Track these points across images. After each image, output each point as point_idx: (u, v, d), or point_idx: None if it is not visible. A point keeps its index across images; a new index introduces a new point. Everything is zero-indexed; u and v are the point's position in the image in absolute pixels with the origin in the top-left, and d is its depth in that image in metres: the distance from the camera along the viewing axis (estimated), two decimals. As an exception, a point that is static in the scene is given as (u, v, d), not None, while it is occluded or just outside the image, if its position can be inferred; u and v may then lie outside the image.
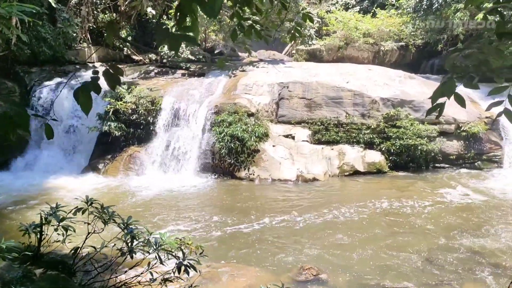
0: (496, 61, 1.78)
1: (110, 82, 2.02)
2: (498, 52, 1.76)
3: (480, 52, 1.79)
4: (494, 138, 14.26)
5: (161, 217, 9.45)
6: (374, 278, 6.63)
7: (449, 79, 1.81)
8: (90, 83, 1.96)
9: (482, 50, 1.79)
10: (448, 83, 1.80)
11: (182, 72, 16.69)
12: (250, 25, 2.59)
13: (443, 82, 1.83)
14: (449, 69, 1.93)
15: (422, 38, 19.16)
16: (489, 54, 1.76)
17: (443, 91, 1.79)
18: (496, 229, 8.77)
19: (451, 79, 1.81)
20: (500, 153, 14.10)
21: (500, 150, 14.12)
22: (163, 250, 3.56)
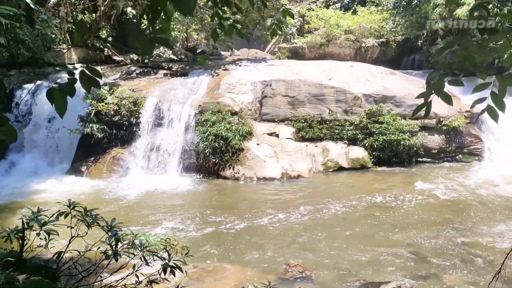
0: (480, 57, 1.80)
1: (87, 83, 1.98)
2: (480, 48, 1.78)
3: (463, 48, 1.81)
4: (474, 131, 14.52)
5: (146, 219, 9.39)
6: (360, 274, 6.70)
7: (439, 76, 1.83)
8: (67, 84, 1.92)
9: (465, 46, 1.81)
10: (438, 81, 1.82)
11: (164, 72, 16.56)
12: (231, 25, 2.59)
13: (433, 81, 1.85)
14: (439, 67, 1.95)
15: (403, 34, 19.41)
16: (473, 50, 1.78)
17: (434, 90, 1.81)
18: (478, 222, 8.93)
19: (441, 77, 1.82)
20: (480, 146, 14.35)
21: (480, 143, 14.37)
22: (149, 252, 3.53)
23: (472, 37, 1.82)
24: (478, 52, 1.78)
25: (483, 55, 1.81)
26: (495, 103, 1.93)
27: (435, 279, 6.50)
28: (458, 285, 6.31)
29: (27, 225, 3.39)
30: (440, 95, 1.82)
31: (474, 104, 2.12)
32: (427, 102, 1.91)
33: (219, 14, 2.43)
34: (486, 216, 9.27)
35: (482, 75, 1.92)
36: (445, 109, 14.32)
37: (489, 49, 1.83)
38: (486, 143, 14.38)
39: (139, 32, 1.73)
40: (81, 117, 13.34)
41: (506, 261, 2.35)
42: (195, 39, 21.66)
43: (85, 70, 1.97)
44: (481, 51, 1.78)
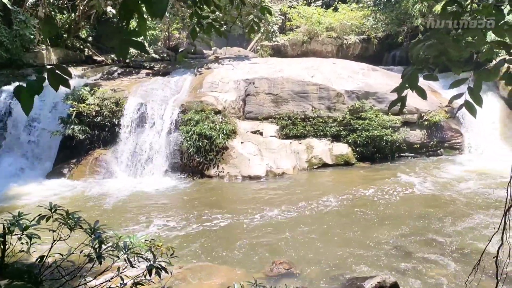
0: (455, 52, 1.83)
1: (55, 82, 1.94)
2: (456, 43, 1.80)
3: (439, 43, 1.83)
4: (455, 125, 14.76)
5: (130, 220, 9.31)
6: (345, 270, 6.75)
7: (412, 71, 1.85)
8: (34, 81, 1.88)
9: (441, 41, 1.83)
10: (412, 75, 1.84)
11: (146, 71, 16.42)
12: (209, 23, 2.57)
13: (407, 75, 1.87)
14: (414, 61, 1.97)
15: (383, 30, 19.59)
16: (448, 45, 1.81)
17: (408, 84, 1.83)
18: (459, 215, 9.08)
19: (415, 72, 1.84)
20: (460, 140, 14.61)
21: (460, 137, 14.62)
22: (133, 254, 3.50)
23: (448, 32, 1.84)
24: (453, 47, 1.81)
25: (459, 50, 1.83)
26: (472, 98, 1.95)
27: (417, 273, 6.58)
28: (440, 277, 6.41)
29: (8, 229, 3.33)
30: (414, 89, 1.84)
31: (452, 99, 2.15)
32: (401, 96, 1.93)
33: (197, 12, 2.41)
34: (467, 209, 9.43)
35: (457, 70, 1.95)
36: (426, 104, 14.50)
37: (465, 44, 1.86)
38: (466, 137, 14.64)
39: (114, 33, 1.70)
40: (62, 119, 13.15)
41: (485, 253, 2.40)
42: (177, 38, 21.54)
43: (53, 68, 1.92)
44: (457, 46, 1.81)
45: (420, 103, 14.45)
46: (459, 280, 6.21)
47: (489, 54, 1.97)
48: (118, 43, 1.74)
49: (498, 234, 2.15)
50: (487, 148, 14.22)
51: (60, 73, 1.92)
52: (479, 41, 1.86)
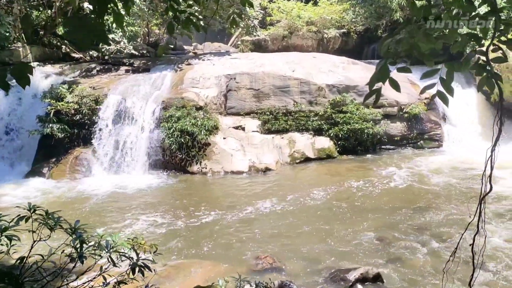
0: (426, 45, 1.86)
1: (21, 80, 1.91)
2: (426, 36, 1.84)
3: (410, 37, 1.86)
4: (434, 117, 15.00)
5: (113, 219, 9.22)
6: (329, 261, 6.82)
7: (383, 65, 1.88)
8: None
9: (412, 35, 1.86)
10: (382, 69, 1.86)
11: (125, 68, 16.20)
12: (187, 17, 2.54)
13: (378, 68, 1.89)
14: (383, 55, 1.99)
15: (363, 24, 19.71)
16: (419, 38, 1.84)
17: (379, 77, 1.85)
18: (437, 205, 9.25)
19: (385, 65, 1.87)
20: (440, 132, 14.86)
21: (440, 129, 14.87)
22: (116, 252, 3.47)
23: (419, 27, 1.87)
24: (424, 40, 1.84)
25: (430, 43, 1.86)
26: (444, 88, 1.99)
27: (400, 263, 6.69)
28: (421, 267, 6.52)
29: (-15, 232, 3.26)
30: (384, 81, 1.87)
31: (424, 89, 2.20)
32: (376, 89, 1.95)
33: (173, 7, 2.38)
34: (445, 199, 9.62)
35: (430, 63, 1.98)
36: (405, 96, 14.71)
37: (436, 36, 1.89)
38: (445, 128, 14.90)
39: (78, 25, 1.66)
40: (39, 117, 12.91)
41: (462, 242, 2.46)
42: (156, 33, 21.31)
43: (16, 66, 1.89)
44: (427, 39, 1.84)
45: (400, 95, 14.62)
46: (440, 268, 6.32)
47: (460, 46, 2.01)
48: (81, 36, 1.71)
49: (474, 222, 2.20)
50: (465, 139, 14.50)
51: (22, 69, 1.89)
52: (451, 34, 1.90)
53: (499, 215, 8.43)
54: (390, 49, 1.90)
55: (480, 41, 2.06)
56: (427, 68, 2.14)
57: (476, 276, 2.22)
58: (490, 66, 2.06)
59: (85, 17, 1.64)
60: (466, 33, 2.02)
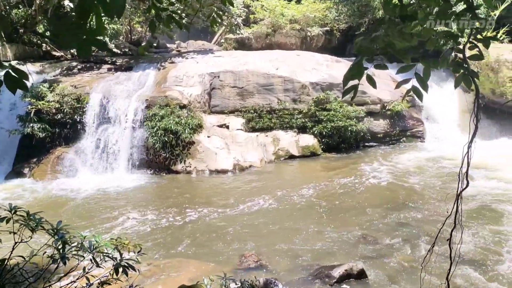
0: (401, 43, 1.90)
1: (13, 86, 1.88)
2: (401, 34, 1.87)
3: (385, 35, 1.89)
4: (416, 114, 15.20)
5: (96, 219, 9.12)
6: (313, 259, 6.86)
7: (357, 61, 1.90)
8: None
9: (387, 33, 1.89)
10: (356, 66, 1.89)
11: (108, 66, 16.02)
12: (169, 15, 2.53)
13: (352, 65, 1.92)
14: (357, 52, 2.02)
15: (346, 22, 19.84)
16: (394, 36, 1.87)
17: (353, 74, 1.88)
18: (419, 201, 9.38)
19: (360, 62, 1.89)
20: (422, 129, 15.07)
21: (421, 126, 15.09)
22: (99, 253, 3.44)
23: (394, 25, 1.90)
24: (399, 38, 1.87)
25: (405, 41, 1.89)
26: (420, 85, 2.03)
27: (384, 259, 6.77)
28: (404, 262, 6.61)
29: (-36, 233, 3.20)
30: (358, 78, 1.90)
31: (399, 85, 2.24)
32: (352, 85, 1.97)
33: (155, 5, 2.36)
34: (427, 195, 9.76)
35: (406, 60, 2.02)
36: (388, 94, 14.87)
37: (412, 34, 1.92)
38: (427, 125, 15.11)
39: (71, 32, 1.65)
40: (20, 117, 12.71)
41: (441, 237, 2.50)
42: (139, 31, 21.13)
43: (10, 71, 1.86)
44: (403, 37, 1.87)
45: (383, 93, 14.80)
46: (420, 263, 6.42)
47: (435, 43, 2.05)
48: (78, 44, 1.70)
49: (451, 217, 2.25)
50: (447, 136, 14.73)
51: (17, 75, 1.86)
52: (426, 31, 1.94)
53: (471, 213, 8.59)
54: (363, 46, 1.93)
55: (457, 38, 2.10)
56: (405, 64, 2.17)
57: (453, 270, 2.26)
58: (467, 63, 2.10)
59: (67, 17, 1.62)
60: (443, 31, 2.06)
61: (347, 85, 1.94)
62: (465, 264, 6.32)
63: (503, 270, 6.20)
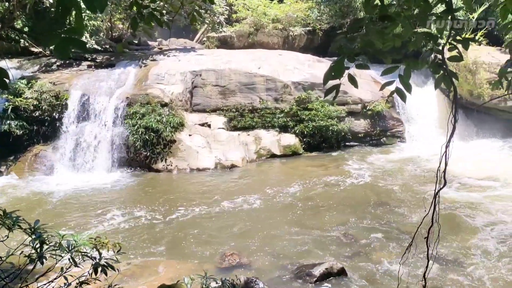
0: (381, 43, 1.92)
1: None
2: (381, 34, 1.89)
3: (365, 34, 1.91)
4: (396, 115, 15.40)
5: (74, 218, 8.99)
6: (294, 258, 6.89)
7: (338, 61, 1.92)
8: None
9: (367, 32, 1.91)
10: (336, 65, 1.90)
11: (88, 63, 15.78)
12: (150, 13, 2.51)
13: (332, 64, 1.93)
14: (337, 51, 2.04)
15: (328, 22, 19.94)
16: (373, 36, 1.89)
17: (334, 73, 1.89)
18: (398, 200, 9.52)
19: (340, 61, 1.91)
20: (402, 129, 15.28)
21: (401, 126, 15.29)
22: (78, 252, 3.39)
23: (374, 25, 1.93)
24: (379, 39, 1.89)
25: (384, 41, 1.92)
26: (402, 85, 2.07)
27: (364, 257, 6.85)
28: (384, 260, 6.69)
29: None
30: (339, 78, 1.92)
31: (383, 86, 2.26)
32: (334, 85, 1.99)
33: (137, 2, 2.34)
34: (407, 194, 9.90)
35: (387, 60, 2.05)
36: (369, 94, 15.03)
37: (392, 35, 1.95)
38: (407, 126, 15.33)
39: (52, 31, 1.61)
40: (-4, 114, 12.44)
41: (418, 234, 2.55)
42: (120, 28, 20.84)
43: None
44: (382, 38, 1.90)
45: (364, 93, 14.95)
46: (398, 261, 6.51)
47: (415, 44, 2.08)
48: (57, 43, 1.65)
49: (429, 216, 2.28)
50: (426, 136, 14.96)
51: None
52: (406, 32, 1.97)
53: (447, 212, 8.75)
54: (344, 45, 1.95)
55: (436, 40, 2.14)
56: (390, 65, 2.20)
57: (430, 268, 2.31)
58: (446, 64, 2.14)
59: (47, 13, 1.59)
60: (422, 32, 2.09)
61: (327, 84, 1.95)
62: (442, 262, 6.44)
63: (478, 268, 6.33)
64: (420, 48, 2.34)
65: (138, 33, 19.23)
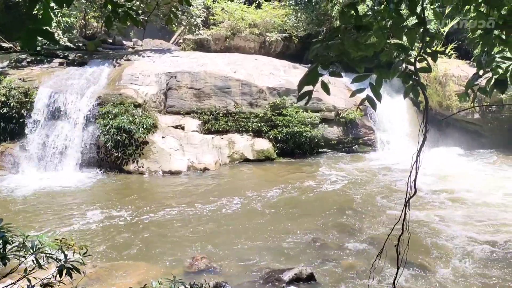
0: (355, 52, 1.96)
1: None
2: (355, 43, 1.93)
3: (340, 43, 1.95)
4: (368, 123, 15.66)
5: (40, 218, 8.75)
6: (264, 263, 6.89)
7: (313, 68, 1.94)
8: None
9: (342, 41, 1.94)
10: (311, 72, 1.93)
11: (60, 61, 15.44)
12: (125, 12, 2.47)
13: (307, 71, 1.95)
14: (313, 59, 2.07)
15: (304, 29, 20.14)
16: (349, 45, 1.93)
17: (308, 80, 1.91)
18: (369, 207, 9.64)
19: (315, 69, 1.94)
20: (373, 137, 15.54)
21: (373, 134, 15.55)
22: (42, 254, 3.30)
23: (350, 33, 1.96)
24: (353, 48, 1.93)
25: (359, 50, 1.96)
26: (373, 94, 2.11)
27: (333, 263, 6.90)
28: (353, 266, 6.77)
29: None
30: (312, 85, 1.94)
31: (354, 94, 2.30)
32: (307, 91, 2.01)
33: (112, 0, 2.30)
34: (377, 201, 10.05)
35: (360, 69, 2.09)
36: (343, 102, 15.24)
37: (366, 44, 1.99)
38: (378, 134, 15.61)
39: (19, 22, 1.56)
40: (-38, 110, 12.03)
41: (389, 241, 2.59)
42: (94, 26, 20.52)
43: None
44: (357, 47, 1.93)
45: (338, 101, 15.14)
46: (368, 267, 6.59)
47: (388, 55, 2.13)
48: (24, 34, 1.61)
49: (399, 223, 2.33)
50: (396, 144, 15.26)
51: None
52: (379, 43, 2.01)
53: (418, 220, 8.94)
54: (319, 53, 1.97)
55: (407, 51, 2.19)
56: (360, 74, 2.24)
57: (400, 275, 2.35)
58: (417, 75, 2.19)
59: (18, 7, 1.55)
60: (395, 43, 2.14)
61: (302, 90, 1.97)
62: (411, 269, 6.55)
63: (446, 275, 6.48)
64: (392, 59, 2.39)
65: (112, 31, 18.96)
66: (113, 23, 2.50)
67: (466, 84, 2.91)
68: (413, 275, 6.44)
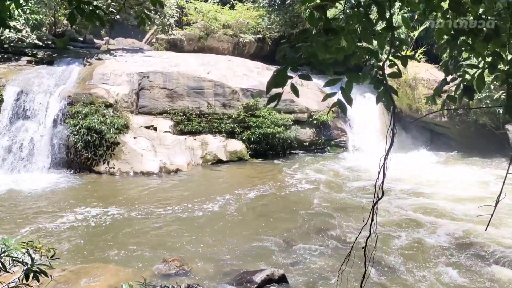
0: (324, 55, 1.99)
1: None
2: (324, 46, 1.96)
3: (309, 46, 1.97)
4: (340, 125, 15.88)
5: (6, 220, 8.49)
6: (236, 265, 6.88)
7: (281, 70, 1.96)
8: None
9: (311, 44, 1.97)
10: (279, 74, 1.94)
11: (28, 59, 15.02)
12: (92, 10, 2.42)
13: (274, 73, 1.96)
14: (280, 60, 2.08)
15: (278, 31, 20.26)
16: (317, 48, 1.95)
17: (276, 82, 1.93)
18: (340, 209, 9.72)
19: (284, 70, 1.95)
20: (345, 139, 15.77)
21: (345, 136, 15.78)
22: (8, 257, 3.21)
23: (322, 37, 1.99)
24: (322, 50, 1.96)
25: (328, 53, 1.99)
26: (344, 97, 2.14)
27: (304, 265, 6.95)
28: (324, 268, 6.84)
29: None
30: (281, 87, 1.96)
31: (325, 98, 2.34)
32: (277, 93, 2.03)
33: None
34: (348, 203, 10.18)
35: (329, 72, 2.12)
36: (315, 104, 15.39)
37: (336, 48, 2.02)
38: (350, 136, 15.84)
39: None
40: None
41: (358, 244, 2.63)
42: (64, 24, 20.04)
43: None
44: (326, 50, 1.96)
45: (311, 103, 15.29)
46: (337, 269, 6.67)
47: (358, 59, 2.17)
48: None
49: (367, 226, 2.37)
50: (368, 146, 15.51)
51: None
52: (349, 46, 2.05)
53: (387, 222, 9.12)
54: (288, 55, 1.99)
55: (377, 55, 2.24)
56: (334, 77, 2.27)
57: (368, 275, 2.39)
58: (386, 80, 2.24)
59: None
60: (364, 47, 2.18)
61: (270, 91, 1.98)
62: (379, 271, 6.67)
63: (415, 277, 6.62)
64: (362, 63, 2.43)
65: (82, 30, 18.57)
66: (78, 20, 2.44)
67: (434, 90, 2.99)
68: (383, 276, 6.56)
